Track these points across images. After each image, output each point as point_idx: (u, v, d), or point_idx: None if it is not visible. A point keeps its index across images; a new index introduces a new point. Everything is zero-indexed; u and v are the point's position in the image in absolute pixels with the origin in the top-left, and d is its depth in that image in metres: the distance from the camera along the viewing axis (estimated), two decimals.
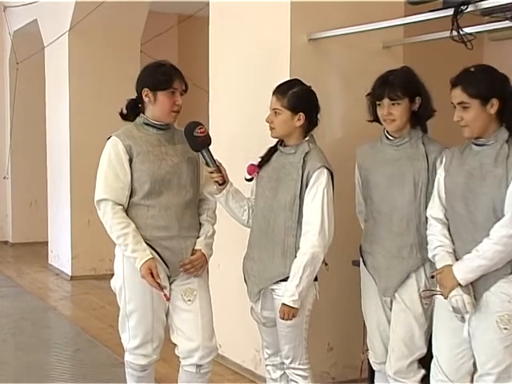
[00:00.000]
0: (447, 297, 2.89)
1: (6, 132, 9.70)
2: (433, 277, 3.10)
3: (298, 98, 3.20)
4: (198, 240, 3.33)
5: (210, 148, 3.27)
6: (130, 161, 3.21)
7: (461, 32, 3.21)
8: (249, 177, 3.38)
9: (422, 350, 3.23)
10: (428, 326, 3.20)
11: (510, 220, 2.75)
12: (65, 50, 7.58)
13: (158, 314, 3.31)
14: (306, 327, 3.29)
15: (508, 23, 3.43)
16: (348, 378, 4.21)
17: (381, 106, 3.19)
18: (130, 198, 3.24)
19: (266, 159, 3.35)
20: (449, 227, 2.99)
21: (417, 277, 3.18)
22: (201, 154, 3.27)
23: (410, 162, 3.17)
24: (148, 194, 3.23)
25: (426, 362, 3.19)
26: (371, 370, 3.59)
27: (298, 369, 3.31)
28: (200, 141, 3.23)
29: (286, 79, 3.43)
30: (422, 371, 3.24)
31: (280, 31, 3.99)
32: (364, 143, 3.41)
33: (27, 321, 5.98)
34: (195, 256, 3.29)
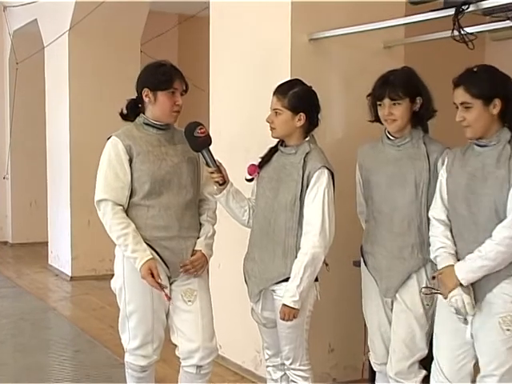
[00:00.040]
0: (447, 296, 2.88)
1: (6, 132, 9.69)
2: (434, 278, 3.08)
3: (299, 98, 3.19)
4: (198, 240, 3.32)
5: (211, 148, 3.26)
6: (130, 161, 3.21)
7: (462, 32, 3.19)
8: (249, 177, 3.37)
9: (423, 351, 3.22)
10: (429, 326, 3.19)
11: None
12: (65, 49, 7.57)
13: (159, 314, 3.30)
14: (307, 328, 3.28)
15: (509, 23, 3.42)
16: (349, 378, 4.21)
17: (382, 106, 3.18)
18: (130, 198, 3.24)
19: (266, 159, 3.34)
20: (451, 228, 2.98)
21: (418, 277, 3.17)
22: (201, 154, 3.27)
23: (412, 162, 3.17)
24: (148, 195, 3.22)
25: (427, 362, 3.18)
26: (372, 371, 3.58)
27: (299, 370, 3.30)
28: (200, 141, 3.22)
29: (286, 79, 3.42)
30: (423, 372, 3.24)
31: (280, 31, 3.98)
32: (365, 143, 3.41)
33: (27, 321, 5.97)
34: (195, 257, 3.28)
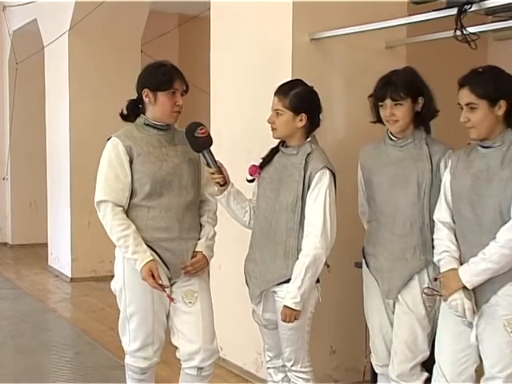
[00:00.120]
0: (447, 299, 2.86)
1: (6, 132, 9.68)
2: (436, 279, 3.07)
3: (300, 99, 3.18)
4: (198, 242, 3.31)
5: (211, 149, 3.25)
6: (130, 162, 3.20)
7: (464, 32, 3.19)
8: (250, 178, 3.36)
9: (425, 353, 3.21)
10: (431, 328, 3.18)
11: None
12: (65, 49, 7.55)
13: (159, 316, 3.29)
14: (308, 330, 3.27)
15: None
16: (350, 380, 4.20)
17: (383, 106, 3.17)
18: (131, 200, 3.23)
19: (267, 160, 3.33)
20: (455, 231, 2.96)
21: (420, 279, 3.16)
22: (202, 155, 3.26)
23: (414, 162, 3.15)
24: (148, 196, 3.21)
25: (429, 365, 3.17)
26: (374, 373, 3.58)
27: (300, 372, 3.29)
28: (201, 141, 3.21)
29: (287, 79, 3.41)
30: (425, 374, 3.23)
31: (282, 31, 3.97)
32: (367, 144, 3.40)
33: (27, 323, 5.94)
34: (196, 258, 3.27)
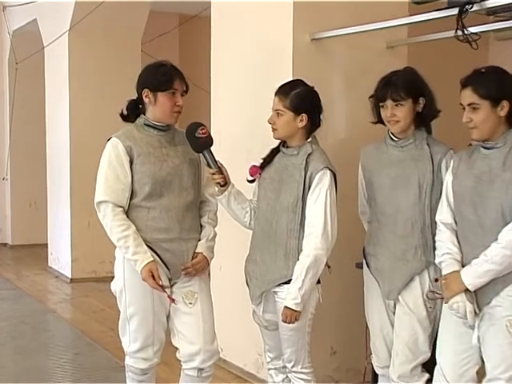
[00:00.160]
0: (448, 301, 2.86)
1: (6, 132, 9.68)
2: (437, 280, 3.07)
3: (301, 99, 3.17)
4: (199, 243, 3.30)
5: (212, 149, 3.24)
6: (130, 162, 3.19)
7: (466, 31, 3.18)
8: (251, 178, 3.36)
9: (426, 354, 3.20)
10: (432, 329, 3.17)
11: None
12: (65, 49, 7.55)
13: (159, 317, 3.29)
14: (309, 330, 3.26)
15: None
16: (351, 381, 4.19)
17: (384, 107, 3.16)
18: (131, 200, 3.22)
19: (268, 160, 3.32)
20: (457, 232, 2.95)
21: (421, 280, 3.15)
22: (202, 155, 3.25)
23: (415, 163, 3.14)
24: (149, 196, 3.20)
25: (430, 366, 3.16)
26: (374, 374, 3.57)
27: (301, 372, 3.28)
28: (202, 142, 3.20)
29: (288, 79, 3.40)
30: (426, 375, 3.22)
31: (282, 31, 3.96)
32: (368, 144, 3.39)
33: (27, 324, 5.94)
34: (197, 259, 3.26)
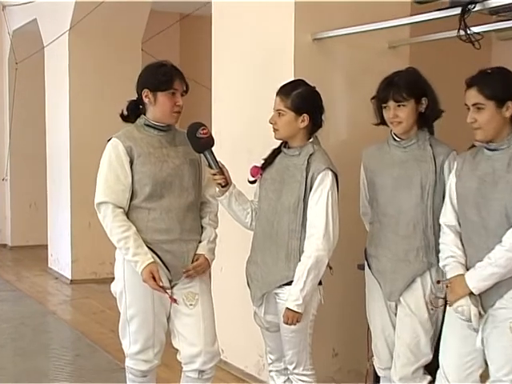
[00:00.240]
0: (452, 304, 2.84)
1: (5, 133, 9.66)
2: (439, 282, 3.07)
3: (302, 99, 3.16)
4: (200, 244, 3.29)
5: (213, 149, 3.22)
6: (130, 162, 3.18)
7: (468, 31, 3.17)
8: (252, 179, 3.35)
9: (428, 357, 3.19)
10: (434, 331, 3.16)
11: None
12: (65, 49, 7.53)
13: (160, 318, 3.28)
14: (311, 332, 3.25)
15: None
16: (353, 383, 4.16)
17: (386, 108, 3.15)
18: (131, 201, 3.21)
19: (269, 161, 3.31)
20: (461, 234, 2.94)
21: (422, 281, 3.14)
22: (203, 156, 3.24)
23: (418, 164, 3.13)
24: (149, 197, 3.19)
25: (431, 368, 3.15)
26: (376, 376, 3.55)
27: (302, 374, 3.27)
28: (203, 142, 3.19)
29: (289, 80, 3.40)
30: (428, 378, 3.21)
31: (284, 31, 3.95)
32: (369, 144, 3.38)
33: (26, 325, 5.92)
34: (198, 262, 3.25)
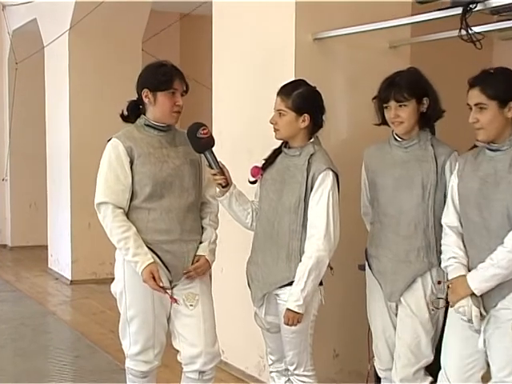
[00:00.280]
0: (454, 304, 2.84)
1: (5, 133, 9.65)
2: (439, 282, 3.07)
3: (303, 99, 3.16)
4: (201, 245, 3.29)
5: (213, 149, 3.22)
6: (130, 163, 3.18)
7: (469, 31, 3.16)
8: (253, 179, 3.35)
9: (429, 358, 3.18)
10: (435, 332, 3.15)
11: None
12: (65, 49, 7.52)
13: (160, 319, 3.27)
14: (311, 333, 3.24)
15: None
16: None
17: (388, 108, 3.15)
18: (131, 202, 3.21)
19: (270, 161, 3.31)
20: (463, 235, 2.93)
21: (423, 282, 3.13)
22: (204, 156, 3.23)
23: (419, 164, 3.13)
24: (149, 197, 3.19)
25: (433, 369, 3.14)
26: (377, 377, 3.54)
27: (303, 375, 3.27)
28: (203, 142, 3.19)
29: (290, 79, 3.39)
30: (429, 379, 3.20)
31: (285, 31, 3.94)
32: (371, 144, 3.37)
33: (26, 326, 5.92)
34: (199, 263, 3.25)
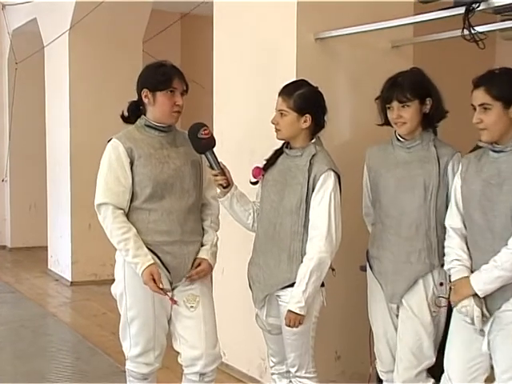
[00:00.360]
0: (456, 304, 2.82)
1: (5, 133, 9.64)
2: (442, 284, 3.06)
3: (305, 99, 3.15)
4: (203, 248, 3.28)
5: (214, 150, 3.21)
6: (131, 164, 3.16)
7: (472, 31, 3.16)
8: (254, 180, 3.34)
9: (431, 360, 3.17)
10: (436, 334, 3.14)
11: None
12: (65, 49, 7.51)
13: (160, 320, 3.26)
14: (313, 335, 3.23)
15: None
16: None
17: (390, 109, 3.14)
18: (131, 203, 3.19)
19: (271, 162, 3.30)
20: (467, 237, 2.92)
21: (424, 283, 3.12)
22: (205, 157, 3.22)
23: (421, 165, 3.11)
24: (150, 198, 3.17)
25: (435, 370, 3.13)
26: (379, 379, 3.52)
27: (305, 377, 3.26)
28: (204, 143, 3.18)
29: (292, 80, 3.39)
30: (431, 381, 3.20)
31: (286, 31, 3.93)
32: (373, 145, 3.36)
33: (26, 328, 5.89)
34: (201, 267, 3.24)
